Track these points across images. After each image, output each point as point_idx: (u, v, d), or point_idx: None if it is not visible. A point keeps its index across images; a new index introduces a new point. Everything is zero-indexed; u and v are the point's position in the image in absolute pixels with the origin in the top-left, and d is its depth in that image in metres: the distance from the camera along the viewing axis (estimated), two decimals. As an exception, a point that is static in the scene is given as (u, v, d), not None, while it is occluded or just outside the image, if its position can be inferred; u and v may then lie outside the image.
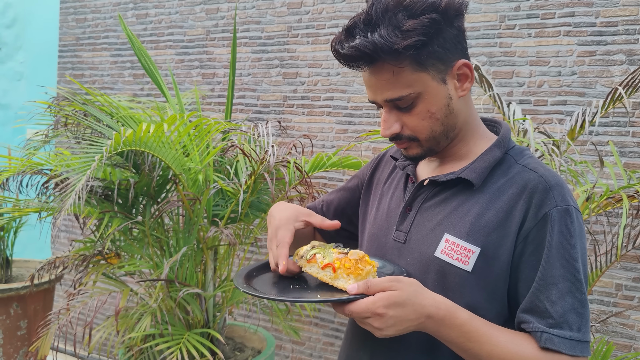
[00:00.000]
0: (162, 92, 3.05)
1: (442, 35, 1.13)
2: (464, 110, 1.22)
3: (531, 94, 3.31)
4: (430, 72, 1.14)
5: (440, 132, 1.19)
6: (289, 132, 3.99)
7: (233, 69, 3.19)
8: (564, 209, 1.11)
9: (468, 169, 1.20)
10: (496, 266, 1.13)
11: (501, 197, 1.16)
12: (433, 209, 1.22)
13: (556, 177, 1.15)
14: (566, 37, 3.22)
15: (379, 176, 1.44)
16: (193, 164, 2.84)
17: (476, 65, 2.67)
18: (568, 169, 2.62)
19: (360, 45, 1.09)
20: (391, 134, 1.18)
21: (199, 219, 2.81)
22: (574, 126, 2.65)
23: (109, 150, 2.08)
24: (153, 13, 4.59)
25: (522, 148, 1.25)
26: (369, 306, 1.01)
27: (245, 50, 4.19)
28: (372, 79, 1.15)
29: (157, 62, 4.54)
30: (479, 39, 3.43)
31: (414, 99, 1.14)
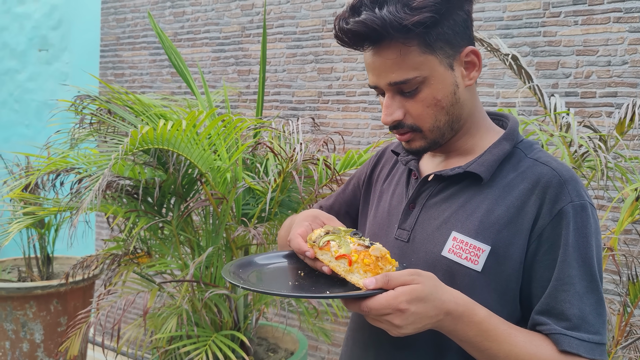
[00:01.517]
0: (192, 89, 3.01)
1: (453, 17, 1.07)
2: (470, 100, 1.14)
3: (578, 86, 3.11)
4: (439, 55, 1.07)
5: (445, 123, 1.11)
6: (324, 129, 3.90)
7: (263, 65, 3.12)
8: (580, 204, 1.05)
9: (476, 162, 1.12)
10: (508, 265, 1.06)
11: (512, 193, 1.08)
12: (439, 206, 1.14)
13: (570, 171, 1.08)
14: (616, 24, 3.00)
15: (380, 173, 1.37)
16: (221, 161, 2.79)
17: (514, 55, 2.51)
18: (616, 166, 2.43)
19: (367, 19, 1.02)
20: (393, 120, 1.11)
21: (225, 218, 2.75)
22: (622, 119, 2.45)
23: (126, 148, 2.04)
24: (190, 11, 4.58)
25: (531, 141, 1.17)
26: (390, 301, 0.92)
27: (280, 45, 4.12)
28: (377, 60, 1.08)
29: (194, 60, 4.53)
30: (521, 29, 3.25)
31: (420, 83, 1.07)
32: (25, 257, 4.01)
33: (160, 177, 2.76)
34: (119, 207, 2.70)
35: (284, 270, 1.18)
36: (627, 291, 2.46)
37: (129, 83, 4.96)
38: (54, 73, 5.72)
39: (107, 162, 2.22)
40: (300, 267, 1.17)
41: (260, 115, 3.23)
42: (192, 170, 2.79)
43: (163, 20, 4.71)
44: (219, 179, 2.78)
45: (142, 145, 2.17)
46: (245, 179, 2.84)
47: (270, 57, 4.13)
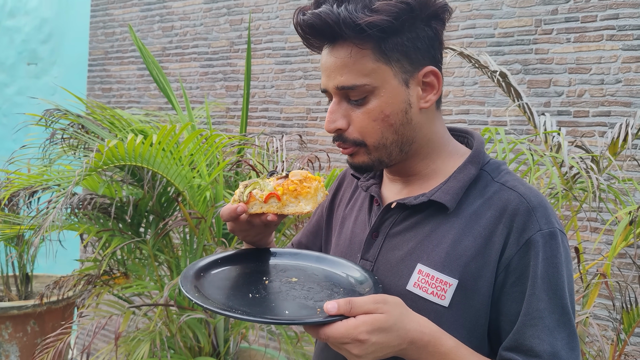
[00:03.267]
0: (172, 104, 2.92)
1: (415, 31, 0.99)
2: (425, 124, 1.05)
3: (571, 104, 3.02)
4: (394, 67, 0.99)
5: (393, 142, 1.03)
6: (311, 147, 3.81)
7: (248, 81, 3.04)
8: (549, 232, 0.98)
9: (440, 189, 1.03)
10: (476, 300, 0.99)
11: (479, 222, 1.00)
12: (403, 235, 1.06)
13: (538, 197, 1.01)
14: (609, 42, 2.92)
15: (342, 197, 1.27)
16: (200, 179, 2.69)
17: (502, 72, 2.42)
18: (609, 188, 2.33)
19: (323, 13, 0.96)
20: (335, 128, 1.02)
21: (204, 238, 2.65)
22: (615, 139, 2.37)
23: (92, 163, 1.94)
24: (178, 25, 4.51)
25: (498, 162, 1.09)
26: (350, 331, 0.86)
27: (268, 61, 4.04)
28: (329, 59, 1.01)
29: (181, 74, 4.46)
30: (512, 46, 3.17)
31: (368, 92, 1.00)
32: (3, 276, 3.89)
33: (137, 195, 2.66)
34: (92, 226, 2.60)
35: (247, 276, 1.10)
36: (621, 319, 2.36)
37: (116, 98, 4.88)
38: (43, 87, 5.65)
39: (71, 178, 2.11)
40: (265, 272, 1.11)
41: (245, 132, 3.14)
42: (169, 189, 2.69)
43: (152, 34, 4.65)
44: (198, 198, 2.68)
45: (111, 161, 2.08)
46: (225, 198, 2.74)
47: (259, 73, 4.05)
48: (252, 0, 4.12)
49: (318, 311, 0.92)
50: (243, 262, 1.15)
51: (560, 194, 2.27)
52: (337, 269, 1.10)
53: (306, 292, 1.02)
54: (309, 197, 1.03)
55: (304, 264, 1.14)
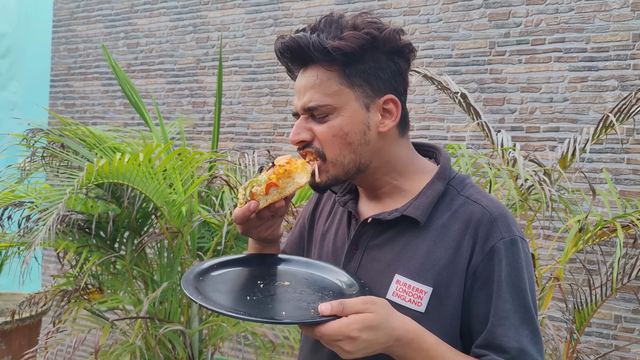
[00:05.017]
0: (146, 122, 3.00)
1: (378, 61, 1.12)
2: (384, 148, 1.16)
3: (523, 121, 3.25)
4: (356, 91, 1.12)
5: (350, 161, 1.14)
6: (279, 161, 3.93)
7: (219, 98, 3.14)
8: (510, 240, 1.10)
9: (412, 205, 1.15)
10: (449, 305, 1.11)
11: (448, 233, 1.13)
12: (380, 248, 1.17)
13: (499, 208, 1.13)
14: (557, 63, 3.17)
15: (321, 210, 1.38)
16: (176, 195, 2.78)
17: (463, 93, 2.61)
18: (560, 198, 2.54)
19: (297, 37, 1.11)
20: (299, 140, 1.14)
21: (181, 252, 2.73)
22: (565, 154, 2.59)
23: (82, 182, 2.01)
24: (144, 42, 4.57)
25: (463, 177, 1.21)
26: (343, 329, 0.96)
27: (235, 78, 4.15)
28: (301, 81, 1.14)
29: (147, 91, 4.51)
30: (469, 66, 3.39)
31: (331, 112, 1.12)
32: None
33: (114, 211, 2.72)
34: (71, 242, 2.64)
35: (243, 280, 1.19)
36: (573, 319, 2.56)
37: (80, 113, 4.88)
38: (1, 102, 5.58)
39: (60, 196, 2.18)
40: (259, 276, 1.19)
41: (216, 148, 3.24)
42: (146, 204, 2.76)
43: (116, 51, 4.69)
44: (174, 213, 2.77)
45: (97, 179, 2.15)
46: (200, 213, 2.83)
47: (226, 90, 4.16)
48: (219, 19, 4.23)
49: (312, 312, 1.02)
50: (238, 266, 1.24)
51: (517, 204, 2.47)
52: (325, 273, 1.20)
53: (299, 295, 1.11)
54: (300, 171, 1.13)
55: (294, 268, 1.24)
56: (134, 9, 4.63)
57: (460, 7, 3.41)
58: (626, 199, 2.92)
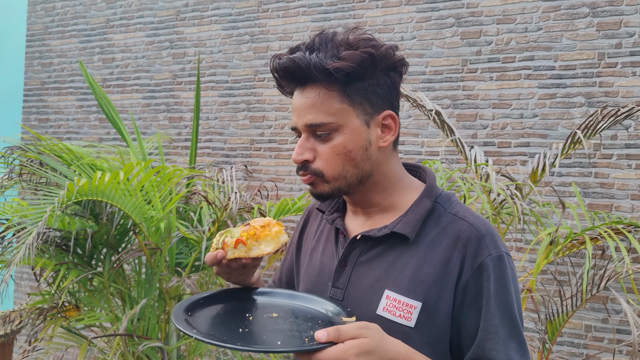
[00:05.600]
0: (124, 138, 3.00)
1: (376, 78, 1.15)
2: (384, 161, 1.20)
3: (495, 136, 3.34)
4: (356, 109, 1.14)
5: (353, 175, 1.17)
6: (256, 176, 3.96)
7: (197, 113, 3.17)
8: (497, 256, 1.14)
9: (401, 222, 1.18)
10: (438, 320, 1.13)
11: (436, 249, 1.16)
12: (370, 264, 1.20)
13: (486, 225, 1.17)
14: (527, 80, 3.27)
15: (308, 231, 1.41)
16: (155, 212, 2.78)
17: (437, 110, 2.68)
18: (531, 212, 2.62)
19: (296, 58, 1.12)
20: (302, 160, 1.16)
21: (159, 268, 2.73)
22: (535, 169, 2.67)
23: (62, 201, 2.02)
24: (120, 57, 4.57)
25: (448, 194, 1.25)
26: (340, 355, 0.98)
27: (212, 94, 4.18)
28: (300, 100, 1.16)
29: (123, 106, 4.51)
30: (442, 82, 3.47)
31: (334, 130, 1.14)
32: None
33: (92, 228, 2.71)
34: (48, 260, 2.63)
35: (231, 313, 1.21)
36: (545, 329, 2.63)
37: (54, 128, 4.84)
38: (-28, 117, 5.50)
39: (39, 214, 2.17)
40: (247, 309, 1.21)
41: (194, 163, 3.26)
42: (125, 221, 2.76)
43: (92, 66, 4.68)
44: (153, 229, 2.77)
45: (77, 197, 2.15)
46: (179, 229, 2.84)
47: (202, 105, 4.18)
48: (195, 35, 4.25)
49: (306, 340, 1.04)
50: (223, 301, 1.26)
51: (490, 218, 2.54)
52: (310, 304, 1.22)
53: (289, 325, 1.13)
54: (269, 240, 1.17)
55: (279, 300, 1.26)
56: (109, 24, 4.63)
57: (434, 26, 3.50)
58: (594, 211, 3.02)
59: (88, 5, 4.72)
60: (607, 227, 2.54)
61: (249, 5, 4.06)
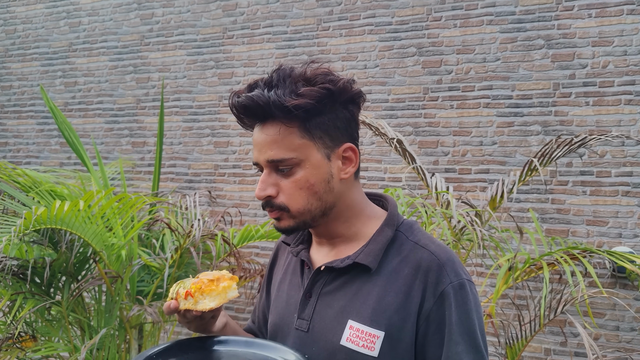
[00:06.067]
0: (85, 165, 2.97)
1: (335, 112, 1.17)
2: (346, 192, 1.22)
3: (456, 163, 3.41)
4: (317, 143, 1.16)
5: (317, 207, 1.19)
6: (220, 202, 3.94)
7: (160, 138, 3.15)
8: (458, 283, 1.15)
9: (363, 252, 1.20)
10: (401, 348, 1.14)
11: (398, 278, 1.17)
12: (334, 295, 1.21)
13: (447, 252, 1.18)
14: (486, 109, 3.36)
15: (278, 265, 1.42)
16: (116, 239, 2.75)
17: (399, 139, 2.73)
18: (490, 238, 2.68)
19: (255, 96, 1.12)
20: (265, 195, 1.17)
21: (120, 297, 2.69)
22: (494, 196, 2.73)
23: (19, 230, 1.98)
24: (82, 82, 4.52)
25: (411, 222, 1.26)
26: None
27: (176, 119, 4.16)
28: (261, 136, 1.17)
29: (85, 130, 4.45)
30: (404, 110, 3.54)
31: (295, 164, 1.15)
32: None
33: (51, 256, 2.66)
34: (4, 290, 2.56)
35: None
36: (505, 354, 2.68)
37: (13, 152, 4.75)
38: None
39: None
40: None
41: (157, 189, 3.23)
42: (85, 249, 2.71)
43: (53, 89, 4.62)
44: (114, 257, 2.73)
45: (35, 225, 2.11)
46: (141, 256, 2.81)
47: (166, 130, 4.16)
48: (160, 60, 4.25)
49: None
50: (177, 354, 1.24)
51: (451, 244, 2.58)
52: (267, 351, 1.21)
53: None
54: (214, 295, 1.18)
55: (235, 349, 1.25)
56: (72, 47, 4.59)
57: (396, 55, 3.57)
58: (552, 237, 3.10)
59: (50, 28, 4.68)
60: (563, 253, 2.61)
61: (214, 31, 4.08)
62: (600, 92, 3.15)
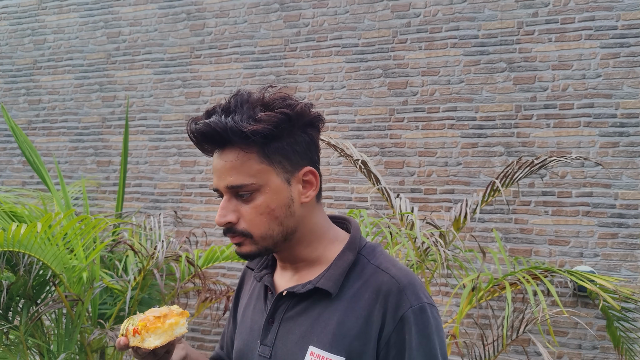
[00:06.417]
0: (47, 185, 2.92)
1: (293, 136, 1.17)
2: (307, 216, 1.22)
3: (421, 183, 3.45)
4: (276, 168, 1.15)
5: (279, 233, 1.18)
6: (187, 222, 3.90)
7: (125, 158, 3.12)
8: (419, 307, 1.14)
9: (324, 277, 1.19)
10: None
11: (359, 303, 1.16)
12: (295, 320, 1.20)
13: (408, 276, 1.18)
14: (450, 130, 3.41)
15: (245, 290, 1.41)
16: (77, 261, 2.70)
17: (363, 160, 2.75)
18: (454, 259, 2.70)
19: (212, 122, 1.11)
20: (226, 222, 1.16)
21: (81, 320, 2.63)
22: (458, 216, 2.76)
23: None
24: (46, 99, 4.46)
25: (373, 245, 1.26)
26: None
27: (142, 138, 4.13)
28: (219, 162, 1.16)
29: (49, 149, 4.38)
30: (371, 131, 3.57)
31: (255, 190, 1.15)
32: None
33: (8, 279, 2.59)
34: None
35: None
36: (470, 374, 2.69)
37: (-27, 171, 4.64)
38: None
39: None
40: None
41: (121, 209, 3.19)
42: (44, 271, 2.65)
43: (17, 107, 4.54)
44: (75, 279, 2.68)
45: (-10, 250, 2.06)
46: (103, 278, 2.76)
47: (132, 149, 4.11)
48: (126, 79, 4.21)
49: None
50: None
51: (415, 265, 2.60)
52: None
53: None
54: (160, 332, 1.16)
55: None
56: (36, 64, 4.53)
57: (362, 76, 3.61)
58: (515, 257, 3.15)
59: (14, 45, 4.61)
60: (525, 273, 2.65)
61: (182, 50, 4.07)
62: (561, 114, 3.23)
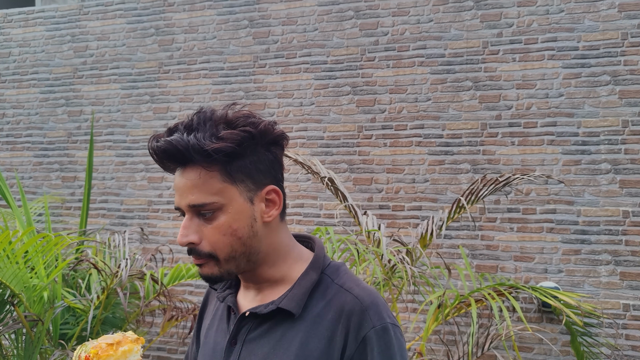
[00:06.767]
0: (8, 202, 2.85)
1: (257, 155, 1.15)
2: (271, 235, 1.20)
3: (389, 200, 3.46)
4: (239, 187, 1.14)
5: (241, 253, 1.16)
6: (153, 238, 3.85)
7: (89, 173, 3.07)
8: (381, 327, 1.13)
9: (287, 297, 1.17)
10: None
11: (322, 323, 1.15)
12: (258, 342, 1.18)
13: (371, 295, 1.17)
14: (418, 147, 3.44)
15: (208, 310, 1.38)
16: (38, 279, 2.63)
17: (330, 178, 2.76)
18: (421, 276, 2.71)
19: (174, 140, 1.10)
20: (188, 242, 1.13)
21: (41, 341, 2.56)
22: (424, 233, 2.78)
23: None
24: (11, 114, 4.37)
25: (337, 264, 1.25)
26: None
27: (109, 153, 4.07)
28: (181, 180, 1.14)
29: (13, 164, 4.29)
30: (340, 147, 3.58)
31: (217, 209, 1.13)
32: None
33: (-35, 300, 2.52)
34: None
35: None
36: (436, 391, 2.69)
37: None
38: None
39: None
40: None
41: (85, 227, 3.13)
42: (3, 291, 2.58)
43: (-21, 121, 4.45)
44: (35, 299, 2.61)
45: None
46: (65, 297, 2.70)
47: (98, 165, 4.05)
48: (93, 93, 4.16)
49: None
50: None
51: (381, 283, 2.60)
52: None
53: None
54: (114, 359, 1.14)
55: None
56: (1, 78, 4.44)
57: (331, 93, 3.63)
58: (481, 273, 3.18)
59: (-22, 58, 4.52)
60: (491, 289, 2.67)
61: (150, 65, 4.04)
62: (525, 133, 3.29)
